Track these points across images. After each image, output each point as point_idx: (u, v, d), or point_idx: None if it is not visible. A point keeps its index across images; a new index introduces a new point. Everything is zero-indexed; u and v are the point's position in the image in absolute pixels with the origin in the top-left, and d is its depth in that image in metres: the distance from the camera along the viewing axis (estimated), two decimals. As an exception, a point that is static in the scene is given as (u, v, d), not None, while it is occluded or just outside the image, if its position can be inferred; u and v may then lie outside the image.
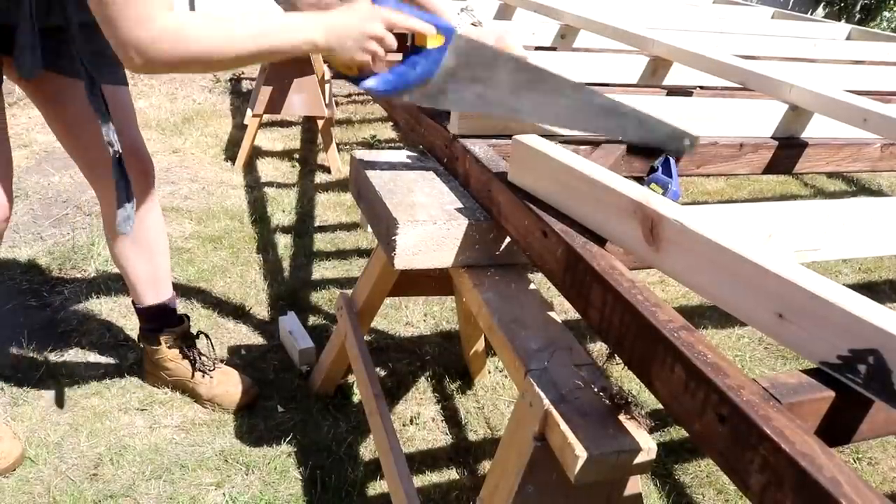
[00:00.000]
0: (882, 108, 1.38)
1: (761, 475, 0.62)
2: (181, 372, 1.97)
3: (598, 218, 1.00)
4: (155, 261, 1.86)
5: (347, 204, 3.33)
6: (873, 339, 0.66)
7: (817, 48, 2.47)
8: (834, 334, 0.70)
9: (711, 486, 1.88)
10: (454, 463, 1.88)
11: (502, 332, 1.08)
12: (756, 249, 0.79)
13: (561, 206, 1.06)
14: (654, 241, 0.89)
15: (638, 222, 0.92)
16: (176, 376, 1.98)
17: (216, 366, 2.00)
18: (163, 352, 1.96)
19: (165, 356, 1.96)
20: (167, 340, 1.95)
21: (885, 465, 2.02)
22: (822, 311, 0.70)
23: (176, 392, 2.01)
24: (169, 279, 1.93)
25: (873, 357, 0.66)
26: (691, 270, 0.86)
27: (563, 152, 1.08)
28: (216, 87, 4.86)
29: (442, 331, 2.43)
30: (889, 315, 0.66)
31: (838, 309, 0.68)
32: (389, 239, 1.20)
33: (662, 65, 1.88)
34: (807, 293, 0.71)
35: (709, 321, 2.59)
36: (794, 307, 0.73)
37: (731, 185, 4.00)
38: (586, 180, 1.01)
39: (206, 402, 1.98)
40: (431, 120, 1.47)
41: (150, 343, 1.96)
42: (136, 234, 1.77)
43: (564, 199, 1.06)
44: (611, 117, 1.21)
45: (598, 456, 0.85)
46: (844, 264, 3.18)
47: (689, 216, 0.86)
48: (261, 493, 1.72)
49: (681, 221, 0.85)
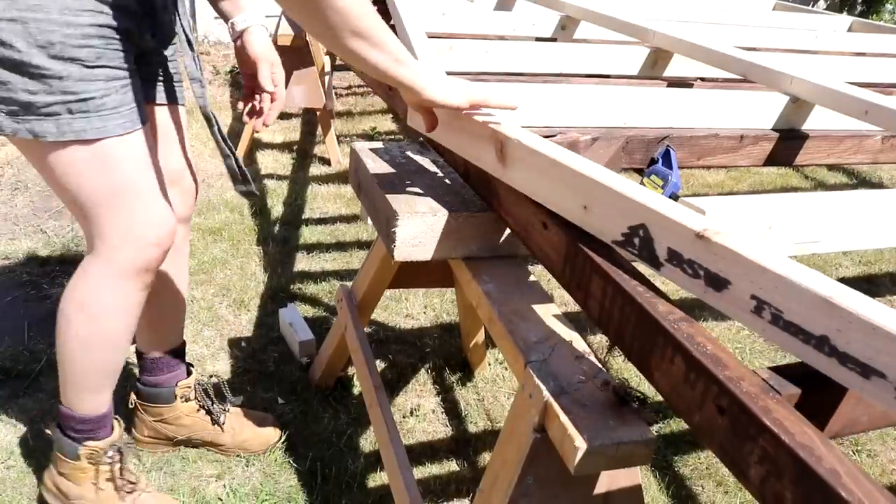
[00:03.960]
0: (883, 100, 1.37)
1: (761, 466, 0.62)
2: (199, 426, 1.75)
3: (463, 143, 1.19)
4: (178, 303, 1.69)
5: (347, 196, 3.33)
6: (641, 216, 0.84)
7: (819, 40, 2.46)
8: (617, 216, 0.88)
9: (711, 477, 1.89)
10: (454, 454, 1.89)
11: (502, 324, 1.08)
12: (568, 155, 0.97)
13: (442, 141, 1.27)
14: (503, 159, 1.08)
15: (492, 145, 1.09)
16: (191, 433, 1.76)
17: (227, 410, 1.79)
18: (177, 408, 1.72)
19: (181, 413, 1.73)
20: (183, 394, 1.72)
21: (884, 457, 2.02)
22: (608, 198, 0.89)
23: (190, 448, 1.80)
24: (182, 326, 1.73)
25: (642, 230, 0.85)
26: (527, 179, 1.04)
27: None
28: (216, 78, 4.85)
29: (442, 323, 2.44)
30: (651, 196, 0.85)
31: (618, 195, 0.87)
32: (389, 231, 1.20)
33: (663, 56, 1.88)
34: (601, 186, 0.89)
35: (708, 313, 2.59)
36: (593, 199, 0.92)
37: (731, 178, 3.99)
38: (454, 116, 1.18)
39: (231, 451, 1.79)
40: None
41: (160, 401, 1.71)
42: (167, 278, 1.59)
43: (447, 137, 1.25)
44: None
45: (598, 447, 0.85)
46: (844, 257, 3.18)
47: (526, 136, 1.04)
48: (261, 485, 1.73)
49: (518, 139, 1.03)
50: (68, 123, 1.17)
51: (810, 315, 0.66)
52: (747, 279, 0.72)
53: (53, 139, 1.17)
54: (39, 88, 1.13)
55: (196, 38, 5.60)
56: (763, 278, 0.70)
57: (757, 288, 0.71)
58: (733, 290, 0.74)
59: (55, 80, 1.13)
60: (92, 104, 1.17)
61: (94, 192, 1.25)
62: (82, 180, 1.23)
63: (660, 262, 0.84)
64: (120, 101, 1.21)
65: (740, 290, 0.73)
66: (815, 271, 0.69)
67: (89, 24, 1.14)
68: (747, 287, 0.72)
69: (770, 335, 0.70)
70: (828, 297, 0.64)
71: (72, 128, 1.17)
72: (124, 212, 1.28)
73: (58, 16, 1.11)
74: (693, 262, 0.79)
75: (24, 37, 1.09)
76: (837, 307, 0.63)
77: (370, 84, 1.81)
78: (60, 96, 1.14)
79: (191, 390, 1.74)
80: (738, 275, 0.73)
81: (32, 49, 1.10)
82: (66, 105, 1.15)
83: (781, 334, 0.69)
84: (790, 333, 0.68)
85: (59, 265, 2.54)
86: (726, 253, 0.74)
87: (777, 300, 0.69)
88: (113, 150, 1.23)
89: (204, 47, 5.42)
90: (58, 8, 1.10)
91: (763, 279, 0.70)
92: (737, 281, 0.73)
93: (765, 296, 0.70)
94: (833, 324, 0.64)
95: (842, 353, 0.63)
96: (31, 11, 1.09)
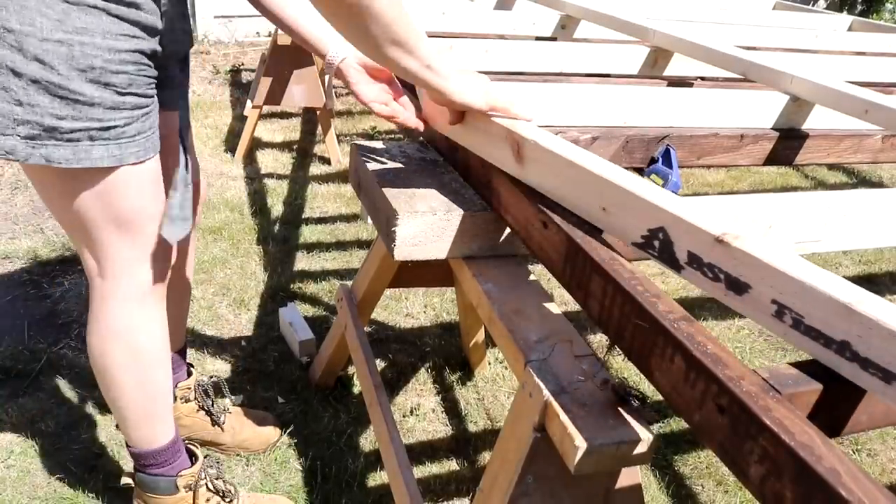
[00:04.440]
0: (883, 100, 1.38)
1: (761, 466, 0.62)
2: (198, 426, 1.76)
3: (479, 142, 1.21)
4: (183, 305, 1.70)
5: (347, 195, 3.33)
6: (660, 219, 0.85)
7: (819, 39, 2.47)
8: (637, 219, 0.89)
9: (711, 477, 1.89)
10: (454, 454, 1.89)
11: (502, 323, 1.08)
12: (586, 156, 0.98)
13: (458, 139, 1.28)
14: (520, 159, 1.09)
15: (509, 145, 1.10)
16: (191, 434, 1.76)
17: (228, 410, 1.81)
18: (178, 409, 1.72)
19: (181, 414, 1.73)
20: (182, 395, 1.74)
21: (884, 456, 2.02)
22: (629, 202, 0.89)
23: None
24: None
25: (662, 233, 0.85)
26: (544, 177, 1.05)
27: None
28: (216, 78, 4.85)
29: (442, 322, 2.44)
30: (670, 199, 0.86)
31: (637, 198, 0.88)
32: (389, 230, 1.20)
33: (663, 55, 1.88)
34: (619, 189, 0.90)
35: (708, 313, 2.59)
36: (612, 201, 0.93)
37: (731, 177, 3.99)
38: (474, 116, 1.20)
39: (232, 451, 1.80)
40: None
41: None
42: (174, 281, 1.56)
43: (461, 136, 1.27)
44: None
45: (598, 446, 0.85)
46: (845, 256, 3.18)
47: (542, 137, 1.05)
48: (261, 484, 1.73)
49: (535, 140, 1.04)
50: (86, 150, 1.12)
51: (831, 320, 0.67)
52: (767, 284, 0.72)
53: (67, 166, 1.12)
54: (68, 113, 1.08)
55: (196, 38, 5.60)
56: (782, 283, 0.70)
57: (777, 293, 0.71)
58: (754, 294, 0.74)
59: (86, 107, 1.09)
60: (113, 132, 1.14)
61: (103, 218, 1.22)
62: (90, 206, 1.20)
63: (680, 265, 0.84)
64: (139, 129, 1.18)
65: (761, 294, 0.73)
66: (835, 276, 0.69)
67: (126, 49, 1.10)
68: (767, 291, 0.72)
69: (792, 339, 0.71)
70: (848, 304, 0.64)
71: (89, 155, 1.13)
72: (139, 237, 1.27)
73: (101, 40, 1.07)
74: (713, 265, 0.79)
75: (66, 60, 1.05)
76: (857, 313, 0.64)
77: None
78: (86, 122, 1.10)
79: (191, 391, 1.74)
80: (757, 279, 0.73)
81: (73, 72, 1.06)
82: (89, 132, 1.11)
83: (803, 338, 0.70)
84: (811, 338, 0.69)
85: (59, 265, 2.54)
86: (745, 258, 0.74)
87: (797, 305, 0.69)
88: (126, 178, 1.20)
89: (204, 47, 5.42)
90: (101, 32, 1.06)
91: (783, 284, 0.71)
92: (757, 285, 0.74)
93: (785, 300, 0.71)
94: (853, 329, 0.64)
95: (863, 358, 0.64)
96: (77, 34, 1.04)
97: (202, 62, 5.12)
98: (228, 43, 5.53)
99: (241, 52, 5.42)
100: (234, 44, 5.53)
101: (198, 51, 5.31)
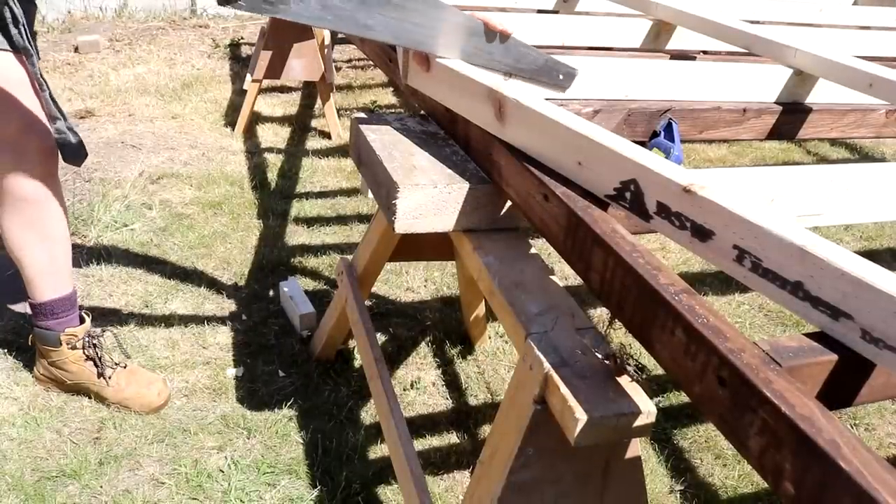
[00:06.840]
0: (888, 73, 1.36)
1: (761, 438, 0.63)
2: (85, 376, 1.83)
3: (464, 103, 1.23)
4: (54, 251, 1.74)
5: (347, 169, 3.32)
6: (632, 171, 0.90)
7: (823, 13, 2.44)
8: (610, 172, 0.93)
9: (710, 450, 1.90)
10: (454, 427, 1.90)
11: (503, 296, 1.08)
12: (563, 113, 1.02)
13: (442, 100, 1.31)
14: (501, 118, 1.12)
15: (491, 104, 1.14)
16: (78, 380, 1.84)
17: (122, 366, 1.86)
18: (63, 353, 1.81)
19: (67, 358, 1.81)
20: (69, 340, 1.80)
21: (881, 430, 2.03)
22: (603, 156, 0.94)
23: (81, 390, 1.86)
24: (70, 273, 1.80)
25: (633, 185, 0.90)
26: (525, 136, 1.09)
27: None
28: (215, 52, 4.81)
29: (442, 296, 2.44)
30: (642, 152, 0.90)
31: (611, 151, 0.92)
32: (390, 203, 1.19)
33: (665, 29, 1.86)
34: (594, 143, 0.95)
35: (709, 288, 2.60)
36: (586, 155, 0.97)
37: (733, 153, 3.98)
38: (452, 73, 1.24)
39: (113, 405, 1.84)
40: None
41: (48, 343, 1.80)
42: (34, 221, 1.68)
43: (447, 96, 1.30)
44: (475, 38, 1.23)
45: (598, 419, 0.86)
46: (846, 232, 3.18)
47: (523, 96, 1.09)
48: (262, 457, 1.74)
49: (517, 98, 1.08)
50: None
51: (786, 263, 0.72)
52: (729, 230, 0.77)
53: None
54: None
55: (195, 12, 5.55)
56: (744, 229, 0.76)
57: (738, 238, 0.76)
58: (717, 240, 0.79)
59: None
60: None
61: None
62: None
63: (649, 215, 0.89)
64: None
65: (723, 240, 0.78)
66: (791, 221, 0.74)
67: None
68: (730, 237, 0.78)
69: (751, 282, 0.76)
70: (802, 246, 0.69)
71: None
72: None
73: None
74: (680, 214, 0.84)
75: None
76: (810, 255, 0.69)
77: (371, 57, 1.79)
78: None
79: (77, 339, 1.82)
80: (721, 226, 0.79)
81: None
82: None
83: (761, 281, 0.75)
84: (768, 280, 0.74)
85: (60, 238, 2.53)
86: (711, 206, 0.79)
87: (757, 249, 0.75)
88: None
89: (203, 20, 5.38)
90: None
91: (744, 230, 0.76)
92: (720, 232, 0.79)
93: (746, 245, 0.76)
94: (807, 270, 0.69)
95: (814, 297, 0.70)
96: None
97: (201, 36, 5.08)
98: (227, 17, 5.49)
99: (240, 25, 5.38)
100: (234, 17, 5.48)
101: (197, 24, 5.27)
